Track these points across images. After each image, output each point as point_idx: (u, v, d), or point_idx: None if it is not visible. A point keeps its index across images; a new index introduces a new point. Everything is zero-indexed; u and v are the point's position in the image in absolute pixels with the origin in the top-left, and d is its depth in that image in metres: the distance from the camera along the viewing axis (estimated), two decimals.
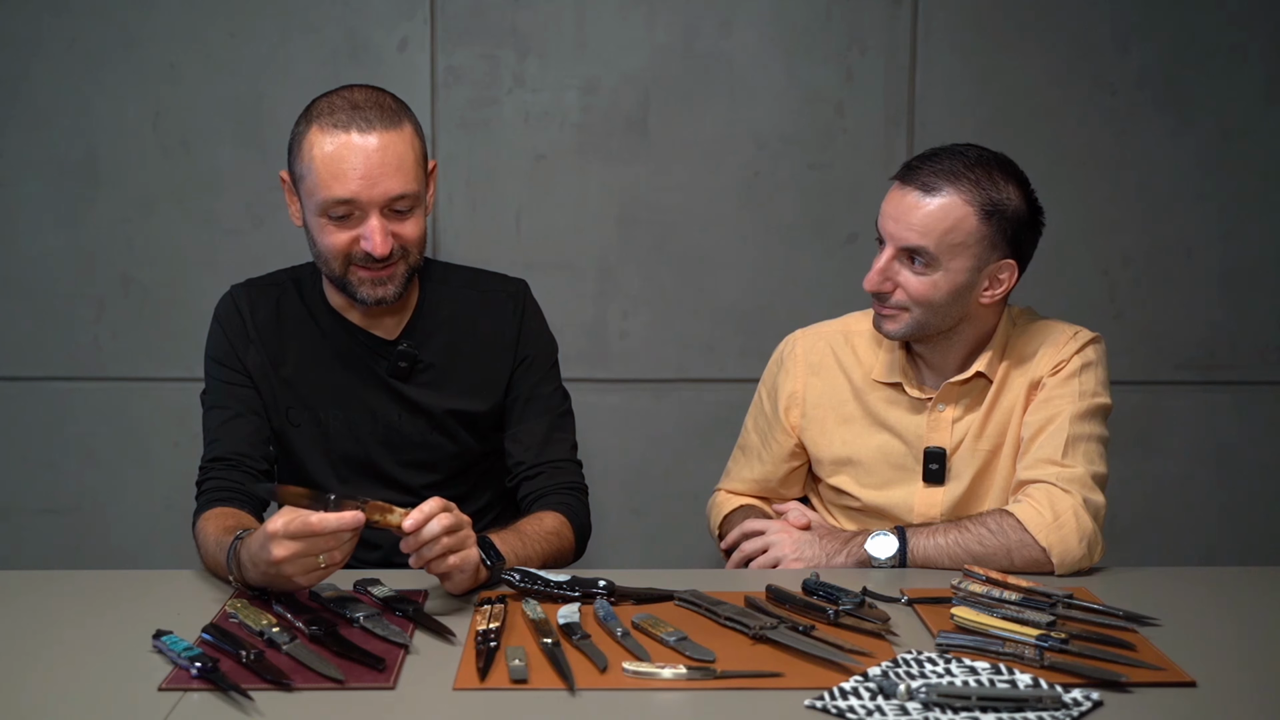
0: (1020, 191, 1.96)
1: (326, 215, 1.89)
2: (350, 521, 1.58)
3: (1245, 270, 2.86)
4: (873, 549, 1.92)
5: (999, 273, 1.98)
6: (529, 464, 2.07)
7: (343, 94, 1.92)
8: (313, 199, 1.90)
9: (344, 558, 1.62)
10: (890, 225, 1.96)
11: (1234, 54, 2.79)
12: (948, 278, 1.95)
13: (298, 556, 1.58)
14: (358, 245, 1.90)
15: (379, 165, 1.87)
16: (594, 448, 2.66)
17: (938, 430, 2.06)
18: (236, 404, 2.02)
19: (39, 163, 2.77)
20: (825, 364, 2.14)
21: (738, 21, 2.78)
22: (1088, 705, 1.40)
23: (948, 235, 1.92)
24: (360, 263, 1.92)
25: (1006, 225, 1.94)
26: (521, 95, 2.78)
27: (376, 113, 1.89)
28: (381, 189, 1.88)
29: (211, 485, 1.95)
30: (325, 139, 1.88)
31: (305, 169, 1.90)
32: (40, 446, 2.86)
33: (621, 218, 2.82)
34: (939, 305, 1.96)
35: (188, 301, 2.76)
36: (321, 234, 1.92)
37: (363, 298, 1.95)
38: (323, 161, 1.87)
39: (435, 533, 1.64)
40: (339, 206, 1.88)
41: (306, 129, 1.91)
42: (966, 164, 1.94)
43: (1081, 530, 1.88)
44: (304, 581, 1.61)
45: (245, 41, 2.75)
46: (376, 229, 1.88)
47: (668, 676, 1.47)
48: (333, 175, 1.87)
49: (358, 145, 1.86)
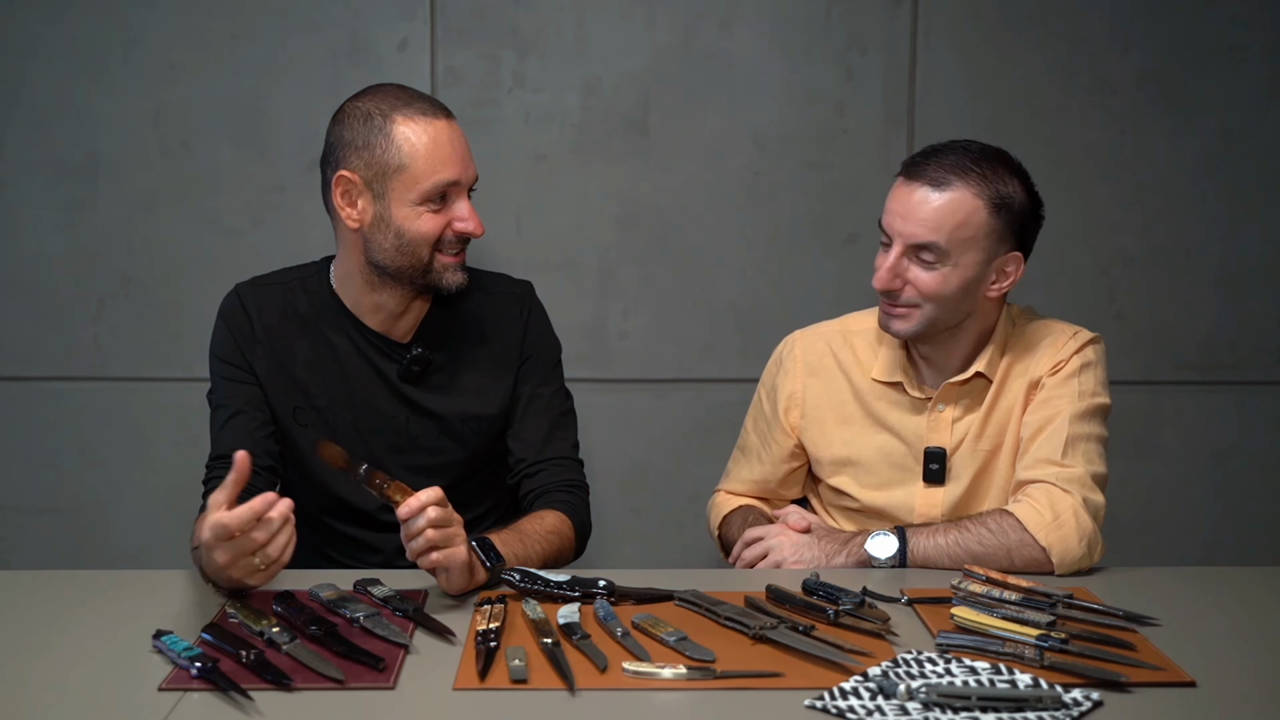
0: (1022, 184, 1.97)
1: (428, 202, 1.93)
2: (261, 507, 1.57)
3: (1245, 270, 2.86)
4: (872, 549, 1.92)
5: (1006, 265, 1.98)
6: (530, 461, 2.07)
7: (394, 88, 1.98)
8: (415, 188, 1.92)
9: (283, 550, 1.60)
10: (898, 222, 1.95)
11: (1234, 54, 2.79)
12: (958, 272, 1.95)
13: (235, 559, 1.59)
14: (449, 230, 1.95)
15: (464, 147, 1.97)
16: (594, 448, 2.66)
17: (938, 430, 2.06)
18: (240, 402, 2.02)
19: (39, 163, 2.77)
20: (824, 364, 2.14)
21: (738, 21, 2.78)
22: (1088, 705, 1.41)
23: (959, 230, 1.92)
24: (448, 248, 1.97)
25: (1014, 218, 1.95)
26: (521, 95, 2.78)
27: (436, 102, 1.98)
28: (473, 169, 1.99)
29: (215, 484, 1.95)
30: (420, 127, 1.92)
31: (402, 159, 1.91)
32: (40, 446, 2.86)
33: (621, 218, 2.82)
34: (949, 300, 1.96)
35: (188, 301, 2.76)
36: (417, 223, 1.93)
37: (446, 285, 1.98)
38: (426, 148, 1.91)
39: (420, 526, 1.65)
40: (447, 189, 1.94)
41: (385, 122, 1.92)
42: (973, 158, 1.95)
43: (1081, 530, 1.88)
44: (253, 581, 1.62)
45: (245, 41, 2.75)
46: (472, 210, 1.96)
47: (668, 676, 1.47)
48: (440, 159, 1.92)
49: (451, 129, 1.95)
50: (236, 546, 1.58)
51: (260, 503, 1.58)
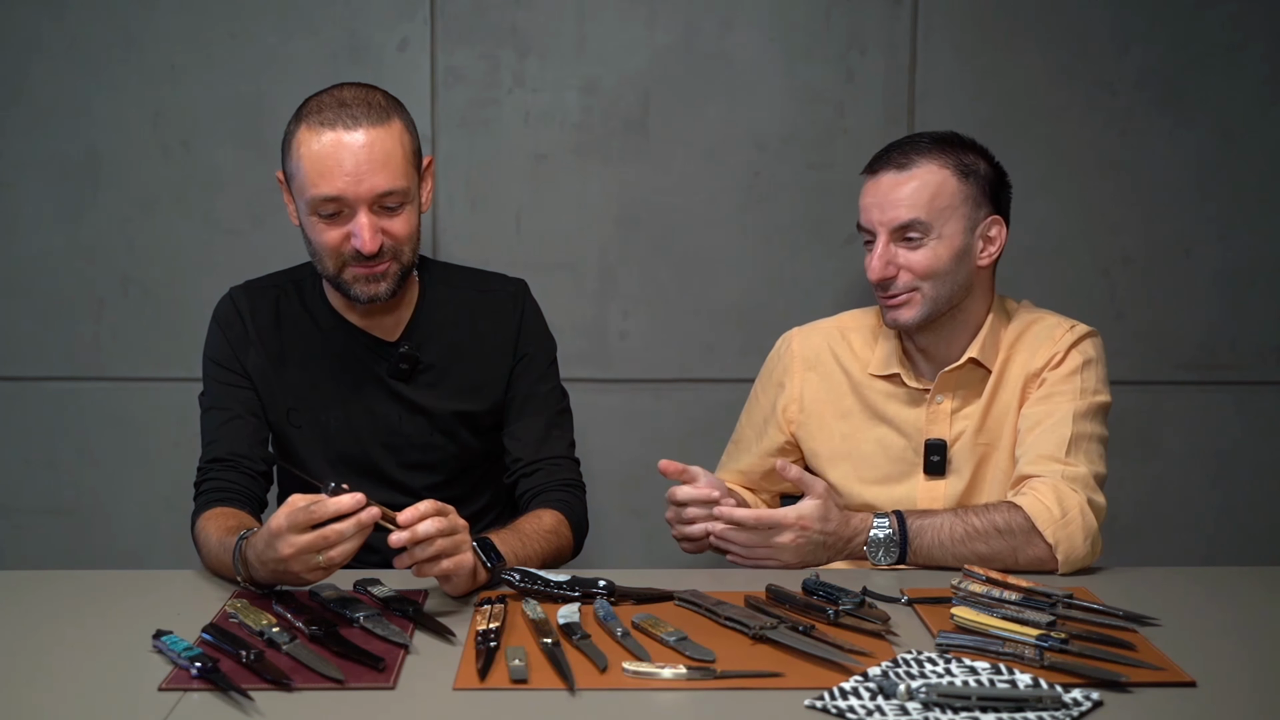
0: (979, 155, 2.04)
1: (316, 213, 1.90)
2: (349, 504, 1.58)
3: (1245, 270, 2.85)
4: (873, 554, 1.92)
5: (989, 231, 2.03)
6: (526, 461, 2.08)
7: (332, 92, 1.93)
8: (303, 197, 1.91)
9: (349, 554, 1.61)
10: (875, 213, 2.00)
11: (1234, 54, 2.78)
12: (945, 243, 1.99)
13: (302, 552, 1.59)
14: (348, 243, 1.91)
15: (365, 162, 1.87)
16: (594, 448, 2.66)
17: (937, 422, 2.06)
18: (235, 405, 2.02)
19: (39, 163, 2.77)
20: (822, 360, 2.15)
21: (738, 21, 2.77)
22: (1088, 705, 1.40)
23: (935, 201, 1.98)
24: (352, 260, 1.92)
25: (983, 182, 2.02)
26: (521, 95, 2.78)
27: (364, 109, 1.89)
28: (368, 186, 1.88)
29: (210, 486, 1.95)
30: (312, 137, 1.88)
31: (295, 167, 1.91)
32: (40, 446, 2.85)
33: (621, 218, 2.82)
34: (945, 274, 1.99)
35: (188, 301, 2.76)
36: (313, 232, 1.93)
37: (356, 295, 1.95)
38: (310, 159, 1.88)
39: (430, 532, 1.64)
40: (327, 204, 1.89)
41: (296, 128, 1.92)
42: (929, 139, 2.03)
43: (1087, 529, 1.89)
44: (311, 578, 1.62)
45: (245, 41, 2.75)
46: (365, 226, 1.89)
47: (668, 676, 1.47)
48: (320, 173, 1.87)
49: (344, 142, 1.87)
50: (310, 540, 1.58)
51: (350, 500, 1.59)
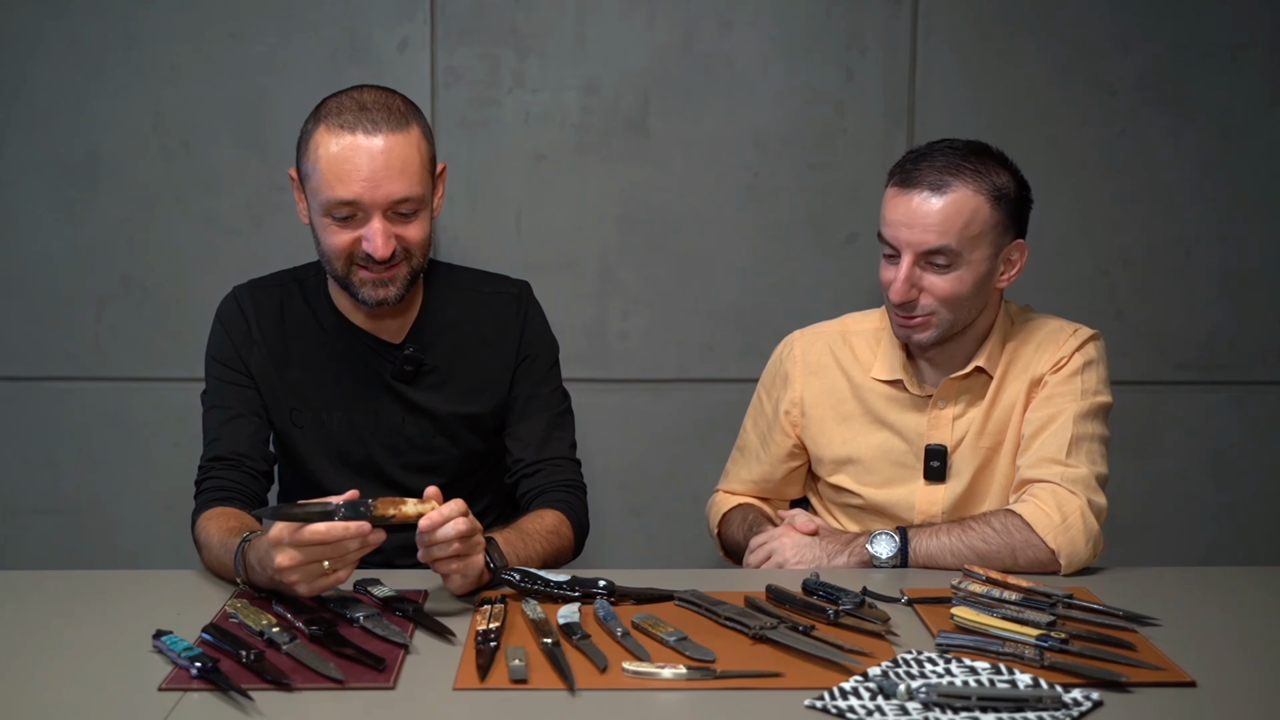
0: (1009, 171, 1.99)
1: (330, 215, 1.90)
2: (353, 531, 1.58)
3: (1245, 270, 2.86)
4: (874, 548, 1.92)
5: (1011, 254, 2.00)
6: (528, 461, 2.08)
7: (352, 94, 1.92)
8: (317, 198, 1.90)
9: (349, 570, 1.62)
10: (904, 233, 1.95)
11: (1234, 54, 2.79)
12: (971, 270, 1.95)
13: (300, 565, 1.59)
14: (360, 246, 1.91)
15: (383, 168, 1.87)
16: (594, 448, 2.66)
17: (938, 428, 2.06)
18: (237, 404, 2.02)
19: (39, 163, 2.77)
20: (824, 364, 2.14)
21: (738, 21, 2.77)
22: (1088, 705, 1.41)
23: (967, 229, 1.93)
24: (362, 263, 1.92)
25: (1012, 206, 1.97)
26: (521, 95, 2.78)
27: (384, 114, 1.89)
28: (385, 191, 1.88)
29: (211, 485, 1.95)
30: (331, 139, 1.88)
31: (311, 168, 1.90)
32: (40, 446, 2.85)
33: (621, 218, 2.82)
34: (966, 300, 1.97)
35: (188, 301, 2.76)
36: (325, 233, 1.92)
37: (364, 298, 1.95)
38: (328, 162, 1.87)
39: (449, 536, 1.65)
40: (342, 208, 1.88)
41: (314, 128, 1.91)
42: (961, 155, 1.96)
43: (1088, 532, 1.88)
44: (306, 590, 1.61)
45: (245, 41, 2.75)
46: (378, 231, 1.89)
47: (668, 676, 1.47)
48: (337, 176, 1.87)
49: (363, 147, 1.87)
50: (316, 553, 1.58)
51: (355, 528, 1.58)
